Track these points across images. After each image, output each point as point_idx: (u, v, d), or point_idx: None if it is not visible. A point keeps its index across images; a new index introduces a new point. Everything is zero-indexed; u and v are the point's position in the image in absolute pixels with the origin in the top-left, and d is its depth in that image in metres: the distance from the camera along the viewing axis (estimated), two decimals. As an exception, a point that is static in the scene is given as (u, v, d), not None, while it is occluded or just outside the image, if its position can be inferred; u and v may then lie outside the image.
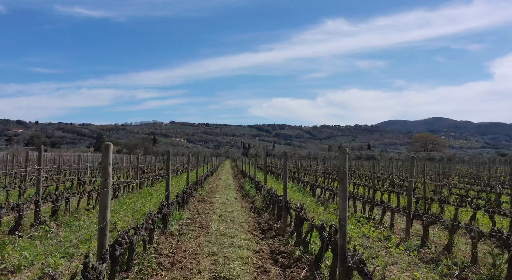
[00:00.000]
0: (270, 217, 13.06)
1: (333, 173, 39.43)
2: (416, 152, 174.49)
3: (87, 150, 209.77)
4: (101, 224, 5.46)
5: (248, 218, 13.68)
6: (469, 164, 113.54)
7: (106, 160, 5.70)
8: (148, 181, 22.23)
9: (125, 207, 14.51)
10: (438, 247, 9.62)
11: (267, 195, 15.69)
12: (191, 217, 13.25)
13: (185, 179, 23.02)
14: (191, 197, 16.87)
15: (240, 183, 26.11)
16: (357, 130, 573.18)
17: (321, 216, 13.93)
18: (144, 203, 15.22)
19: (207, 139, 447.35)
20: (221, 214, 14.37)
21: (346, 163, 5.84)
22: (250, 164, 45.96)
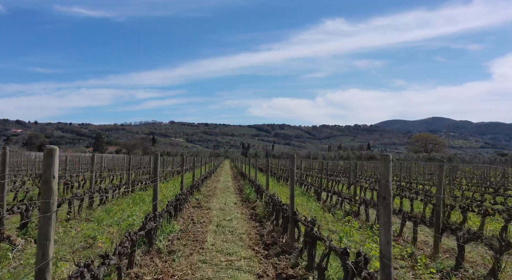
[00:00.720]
0: (273, 228, 11.52)
1: (336, 175, 38.10)
2: (416, 152, 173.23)
3: (86, 150, 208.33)
4: (40, 264, 3.74)
5: (249, 229, 12.14)
6: (470, 164, 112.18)
7: (49, 172, 4.08)
8: (141, 185, 20.75)
9: (112, 215, 13.01)
10: (475, 268, 8.11)
11: (269, 201, 14.18)
12: (184, 228, 11.67)
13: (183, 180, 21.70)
14: (186, 203, 15.34)
15: (239, 185, 24.65)
16: (357, 130, 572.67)
17: (330, 226, 12.44)
18: (134, 210, 13.72)
19: (206, 139, 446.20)
20: (218, 224, 12.83)
21: (389, 175, 4.12)
22: (250, 165, 44.37)
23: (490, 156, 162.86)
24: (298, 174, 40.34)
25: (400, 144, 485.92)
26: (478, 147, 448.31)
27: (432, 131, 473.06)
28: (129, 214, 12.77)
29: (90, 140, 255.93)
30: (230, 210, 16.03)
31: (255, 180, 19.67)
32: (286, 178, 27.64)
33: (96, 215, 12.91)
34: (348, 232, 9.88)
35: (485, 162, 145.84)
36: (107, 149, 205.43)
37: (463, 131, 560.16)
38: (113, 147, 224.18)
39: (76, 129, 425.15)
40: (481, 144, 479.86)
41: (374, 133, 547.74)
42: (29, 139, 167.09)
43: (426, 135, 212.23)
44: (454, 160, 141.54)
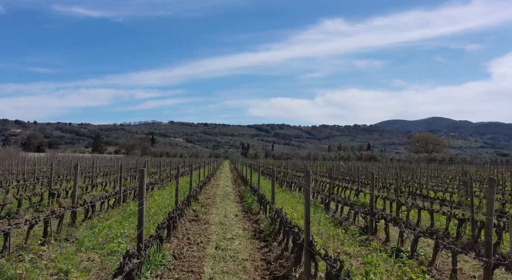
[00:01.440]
0: (282, 253, 9.85)
1: (341, 179, 36.16)
2: (416, 153, 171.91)
3: (85, 150, 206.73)
4: None
5: (253, 252, 10.49)
6: (471, 165, 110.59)
7: None
8: (134, 193, 19.13)
9: (97, 233, 11.39)
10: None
11: (275, 217, 12.55)
12: (178, 252, 9.97)
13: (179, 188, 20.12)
14: (182, 217, 13.70)
15: (240, 191, 23.15)
16: (356, 130, 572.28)
17: (345, 247, 10.81)
18: (123, 227, 12.12)
19: (206, 139, 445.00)
20: (218, 244, 11.18)
21: None
22: (252, 168, 42.68)
23: (491, 157, 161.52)
24: (300, 177, 38.54)
25: (400, 144, 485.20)
26: (477, 147, 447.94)
27: (431, 131, 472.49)
28: (116, 234, 11.14)
29: (89, 140, 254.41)
30: (231, 224, 14.41)
31: (257, 188, 18.02)
32: (289, 183, 26.03)
33: (78, 234, 11.27)
34: (373, 264, 8.23)
35: (486, 162, 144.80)
36: (106, 150, 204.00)
37: (462, 131, 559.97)
38: (112, 147, 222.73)
39: (76, 129, 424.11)
40: (480, 144, 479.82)
41: (374, 133, 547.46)
42: (28, 139, 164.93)
43: (427, 135, 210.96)
44: (455, 161, 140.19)
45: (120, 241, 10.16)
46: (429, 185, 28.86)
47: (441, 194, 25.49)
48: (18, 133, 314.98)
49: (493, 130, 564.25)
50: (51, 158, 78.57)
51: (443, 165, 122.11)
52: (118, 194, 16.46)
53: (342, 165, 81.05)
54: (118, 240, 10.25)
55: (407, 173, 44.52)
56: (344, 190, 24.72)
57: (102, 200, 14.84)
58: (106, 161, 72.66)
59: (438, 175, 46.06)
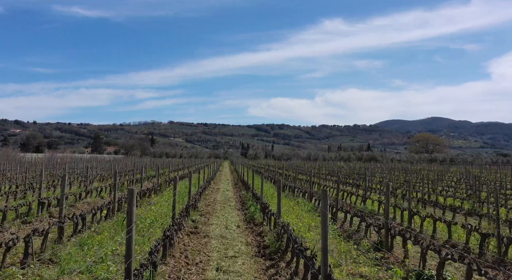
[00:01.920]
0: (291, 278, 8.77)
1: (345, 182, 34.78)
2: (417, 153, 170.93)
3: (84, 150, 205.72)
4: None
5: (258, 275, 9.38)
6: (472, 166, 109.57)
7: None
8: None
9: (85, 251, 10.31)
10: None
11: (281, 232, 11.47)
12: (174, 278, 8.89)
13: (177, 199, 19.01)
14: (179, 231, 12.60)
15: (241, 196, 22.09)
16: (356, 130, 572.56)
17: (361, 268, 9.72)
18: (116, 242, 11.03)
19: (205, 139, 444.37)
20: (219, 266, 10.06)
21: None
22: (253, 171, 41.48)
23: (491, 157, 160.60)
24: (303, 180, 37.24)
25: (400, 144, 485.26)
26: (477, 147, 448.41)
27: (431, 131, 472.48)
28: (106, 253, 10.03)
29: (89, 140, 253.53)
30: (233, 238, 13.29)
31: (260, 196, 16.82)
32: (292, 188, 24.91)
33: (65, 253, 10.13)
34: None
35: (487, 163, 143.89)
36: (106, 150, 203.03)
37: (462, 131, 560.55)
38: (112, 148, 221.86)
39: (75, 129, 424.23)
40: (480, 144, 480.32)
41: (374, 133, 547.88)
42: (27, 139, 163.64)
43: (427, 135, 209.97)
44: (457, 162, 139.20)
45: (109, 264, 9.05)
46: (437, 190, 27.77)
47: (451, 199, 24.35)
48: (17, 133, 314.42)
49: (492, 130, 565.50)
50: (49, 160, 77.66)
51: (444, 165, 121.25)
52: (112, 204, 15.34)
53: (343, 166, 80.00)
54: (108, 262, 9.15)
55: (412, 176, 43.41)
56: (349, 196, 23.46)
57: (94, 211, 13.73)
58: (105, 162, 71.70)
59: (441, 177, 44.93)
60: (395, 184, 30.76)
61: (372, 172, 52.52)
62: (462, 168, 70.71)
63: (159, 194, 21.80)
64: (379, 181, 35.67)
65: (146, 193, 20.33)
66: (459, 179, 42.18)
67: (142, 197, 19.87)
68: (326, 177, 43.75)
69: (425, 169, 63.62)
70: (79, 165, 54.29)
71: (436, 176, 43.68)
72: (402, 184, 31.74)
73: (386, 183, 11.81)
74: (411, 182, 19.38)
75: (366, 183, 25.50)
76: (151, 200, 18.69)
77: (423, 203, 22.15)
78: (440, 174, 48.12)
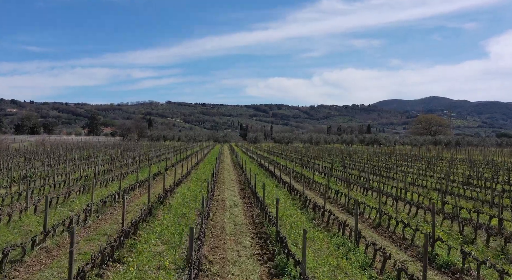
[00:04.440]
0: None
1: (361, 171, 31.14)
2: (419, 135, 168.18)
3: (81, 131, 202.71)
4: None
5: None
6: (477, 148, 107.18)
7: None
8: (107, 202, 15.52)
9: None
10: None
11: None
12: None
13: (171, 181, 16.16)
14: None
15: (254, 218, 15.82)
16: (355, 110, 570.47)
17: None
18: None
19: (204, 119, 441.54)
20: None
21: None
22: (259, 166, 38.71)
23: (496, 139, 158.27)
24: (321, 166, 33.82)
25: (398, 124, 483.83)
26: (475, 127, 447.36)
27: (430, 111, 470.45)
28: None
29: (86, 121, 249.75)
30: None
31: (286, 243, 10.96)
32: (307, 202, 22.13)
33: None
34: None
35: (492, 145, 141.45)
36: (103, 131, 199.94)
37: (460, 111, 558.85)
38: (109, 129, 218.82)
39: (72, 109, 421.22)
40: (478, 123, 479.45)
41: (372, 113, 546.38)
42: (22, 121, 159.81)
43: (430, 117, 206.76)
44: (462, 144, 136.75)
45: None
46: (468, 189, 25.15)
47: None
48: (14, 112, 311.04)
49: (491, 109, 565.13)
50: (39, 146, 74.88)
51: (449, 148, 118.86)
52: (88, 211, 12.75)
53: (352, 151, 77.41)
54: None
55: (429, 166, 40.75)
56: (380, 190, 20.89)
57: (35, 241, 11.12)
58: (97, 148, 68.96)
59: (455, 166, 42.31)
60: (427, 179, 28.06)
61: (382, 156, 49.52)
62: (478, 154, 68.17)
63: (140, 198, 18.93)
64: (405, 171, 32.77)
65: (133, 187, 17.33)
66: (483, 169, 39.25)
67: (133, 188, 17.22)
68: (338, 164, 40.74)
69: (436, 156, 61.07)
70: (66, 153, 51.62)
71: (457, 167, 40.99)
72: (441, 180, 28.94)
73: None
74: (446, 178, 16.79)
75: (405, 180, 22.93)
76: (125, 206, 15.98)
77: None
78: (457, 164, 45.44)
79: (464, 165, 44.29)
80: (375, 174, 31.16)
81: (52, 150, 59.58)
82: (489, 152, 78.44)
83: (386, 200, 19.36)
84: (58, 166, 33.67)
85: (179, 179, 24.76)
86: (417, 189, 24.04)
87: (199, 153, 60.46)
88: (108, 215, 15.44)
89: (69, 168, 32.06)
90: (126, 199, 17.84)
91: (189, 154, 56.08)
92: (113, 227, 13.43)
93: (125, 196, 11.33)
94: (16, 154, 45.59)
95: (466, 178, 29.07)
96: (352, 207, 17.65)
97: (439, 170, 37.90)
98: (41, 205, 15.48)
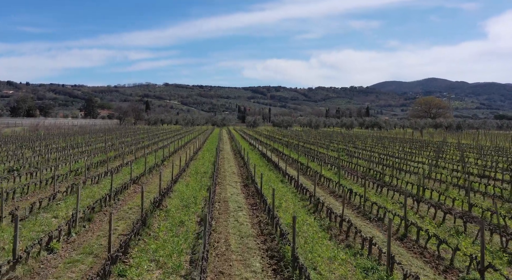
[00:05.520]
0: None
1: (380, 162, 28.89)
2: (419, 117, 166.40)
3: (78, 114, 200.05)
4: None
5: None
6: (478, 131, 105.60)
7: None
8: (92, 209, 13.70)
9: None
10: None
11: None
12: None
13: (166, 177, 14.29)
14: None
15: (260, 221, 14.32)
16: (353, 91, 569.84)
17: None
18: None
19: (201, 101, 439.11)
20: None
21: None
22: (266, 161, 36.81)
23: (497, 122, 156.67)
24: (327, 156, 31.88)
25: (396, 105, 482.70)
26: (473, 108, 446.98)
27: (428, 92, 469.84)
28: None
29: (83, 103, 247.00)
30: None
31: (307, 276, 11.64)
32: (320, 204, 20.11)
33: None
34: None
35: (492, 127, 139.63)
36: (99, 114, 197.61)
37: (458, 92, 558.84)
38: (106, 111, 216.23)
39: (69, 91, 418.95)
40: (476, 105, 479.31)
41: (370, 95, 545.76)
42: (17, 103, 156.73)
43: (430, 99, 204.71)
44: (463, 127, 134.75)
45: None
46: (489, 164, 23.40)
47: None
48: (10, 94, 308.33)
49: (489, 91, 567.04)
50: (33, 130, 72.84)
51: (451, 132, 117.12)
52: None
53: (354, 136, 75.65)
54: None
55: (439, 155, 39.02)
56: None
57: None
58: (93, 133, 66.97)
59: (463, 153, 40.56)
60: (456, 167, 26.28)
61: (387, 143, 47.67)
62: (483, 138, 66.37)
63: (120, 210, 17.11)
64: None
65: (127, 186, 15.37)
66: (494, 155, 37.46)
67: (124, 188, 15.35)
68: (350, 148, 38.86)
69: (444, 142, 59.25)
70: (66, 136, 49.69)
71: (470, 154, 39.22)
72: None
73: None
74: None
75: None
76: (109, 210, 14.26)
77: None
78: (468, 149, 43.63)
79: (473, 152, 42.44)
80: (385, 165, 29.34)
81: (46, 136, 57.57)
82: (494, 137, 76.62)
83: (404, 199, 17.50)
84: (49, 155, 31.90)
85: (177, 173, 22.90)
86: (433, 184, 22.28)
87: (198, 139, 58.69)
88: (97, 223, 13.52)
89: (60, 159, 30.23)
90: (118, 204, 16.04)
91: (187, 140, 54.15)
92: (101, 242, 11.53)
93: (112, 213, 9.45)
94: (7, 141, 43.68)
95: (481, 169, 27.27)
96: (369, 210, 15.82)
97: (449, 158, 36.28)
98: (24, 209, 13.71)
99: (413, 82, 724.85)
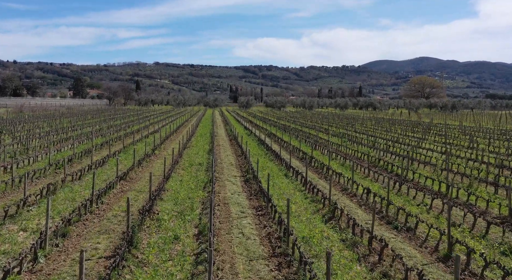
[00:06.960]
0: None
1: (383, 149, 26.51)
2: (413, 97, 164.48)
3: (67, 93, 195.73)
4: None
5: None
6: (472, 111, 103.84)
7: None
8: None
9: None
10: None
11: None
12: None
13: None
14: None
15: (270, 234, 12.01)
16: (345, 71, 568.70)
17: None
18: None
19: (192, 81, 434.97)
20: None
21: None
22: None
23: (491, 102, 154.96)
24: (329, 143, 29.66)
25: (388, 85, 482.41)
26: (464, 87, 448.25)
27: (419, 72, 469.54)
28: None
29: (72, 82, 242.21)
30: None
31: None
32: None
33: None
34: None
35: (486, 107, 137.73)
36: (89, 94, 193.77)
37: (449, 71, 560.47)
38: (95, 91, 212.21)
39: (58, 70, 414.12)
40: (467, 84, 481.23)
41: (362, 74, 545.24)
42: (3, 82, 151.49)
43: (424, 79, 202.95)
44: (458, 107, 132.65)
45: None
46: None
47: None
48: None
49: (479, 69, 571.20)
50: (18, 111, 70.05)
51: (445, 112, 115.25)
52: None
53: (351, 117, 73.55)
54: None
55: (447, 141, 36.93)
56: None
57: None
58: (80, 115, 64.29)
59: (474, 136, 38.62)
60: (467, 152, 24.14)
61: (389, 126, 45.41)
62: (481, 119, 64.27)
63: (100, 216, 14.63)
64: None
65: (115, 185, 13.10)
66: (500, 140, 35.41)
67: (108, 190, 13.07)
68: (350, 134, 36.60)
69: (445, 125, 57.19)
70: (52, 119, 47.01)
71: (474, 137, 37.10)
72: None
73: None
74: None
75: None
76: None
77: None
78: (468, 132, 41.51)
79: (480, 137, 40.26)
80: (393, 154, 27.09)
81: (30, 118, 54.87)
82: (494, 117, 74.80)
83: (430, 201, 15.21)
84: (30, 143, 29.37)
85: (170, 166, 20.56)
86: (454, 178, 19.86)
87: (190, 121, 56.24)
88: (73, 239, 11.04)
89: (41, 148, 27.72)
90: (101, 210, 13.57)
91: (180, 124, 51.59)
92: (75, 269, 9.08)
93: (83, 251, 7.09)
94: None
95: (499, 158, 25.05)
96: (394, 216, 13.51)
97: (457, 144, 34.28)
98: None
99: (405, 61, 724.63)
